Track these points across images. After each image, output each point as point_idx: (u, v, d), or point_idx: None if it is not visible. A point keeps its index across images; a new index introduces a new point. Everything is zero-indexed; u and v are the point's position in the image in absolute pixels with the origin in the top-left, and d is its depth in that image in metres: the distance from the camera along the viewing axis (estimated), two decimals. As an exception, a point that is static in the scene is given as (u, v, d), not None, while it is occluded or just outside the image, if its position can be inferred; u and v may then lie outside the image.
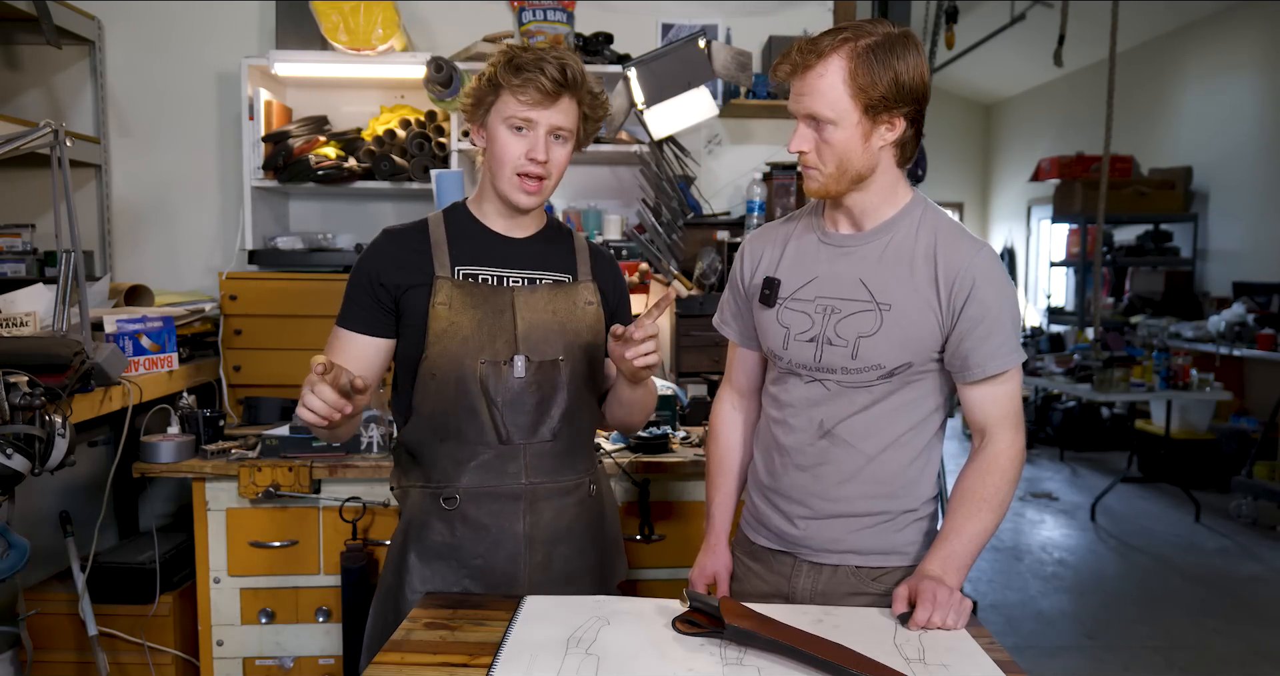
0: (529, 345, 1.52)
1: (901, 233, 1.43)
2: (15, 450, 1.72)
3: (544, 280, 1.58)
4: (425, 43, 3.27)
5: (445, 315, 1.49)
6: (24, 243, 2.95)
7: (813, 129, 1.37)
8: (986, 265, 1.39)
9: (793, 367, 1.48)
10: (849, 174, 1.39)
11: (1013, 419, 1.43)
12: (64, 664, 2.42)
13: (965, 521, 1.38)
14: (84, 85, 3.20)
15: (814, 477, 1.47)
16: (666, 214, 2.97)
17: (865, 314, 1.41)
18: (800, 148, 1.39)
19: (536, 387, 1.52)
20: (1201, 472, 5.88)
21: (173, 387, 2.54)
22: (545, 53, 1.45)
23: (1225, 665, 3.40)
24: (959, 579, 1.36)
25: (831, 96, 1.33)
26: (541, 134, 1.47)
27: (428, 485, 1.55)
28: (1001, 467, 1.41)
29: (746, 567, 1.60)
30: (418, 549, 1.54)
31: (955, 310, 1.38)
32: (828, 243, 1.48)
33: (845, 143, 1.35)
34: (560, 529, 1.56)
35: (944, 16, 4.36)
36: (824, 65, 1.33)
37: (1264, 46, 6.46)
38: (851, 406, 1.45)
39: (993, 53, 6.11)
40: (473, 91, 1.51)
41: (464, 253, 1.54)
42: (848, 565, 1.48)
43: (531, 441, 1.53)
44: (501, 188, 1.51)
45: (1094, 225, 5.46)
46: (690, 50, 2.43)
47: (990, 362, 1.39)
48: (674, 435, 2.47)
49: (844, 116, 1.34)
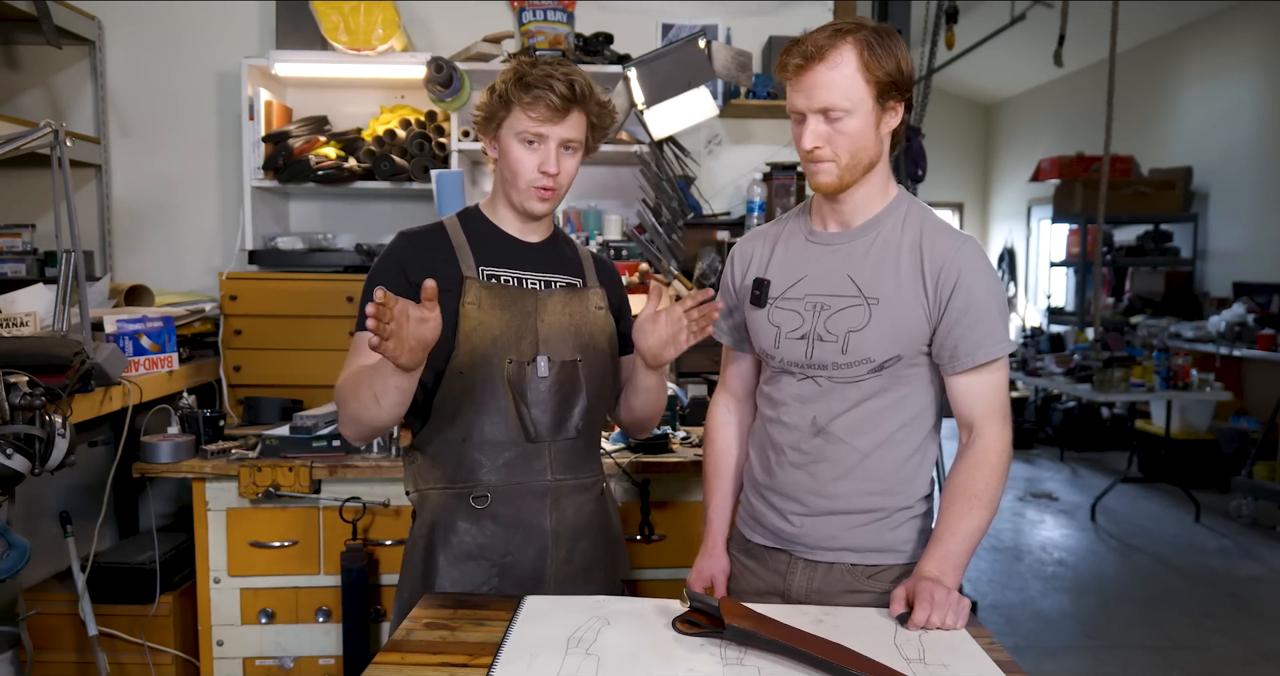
0: (549, 346, 1.56)
1: (888, 228, 1.46)
2: (15, 450, 1.72)
3: (558, 283, 1.62)
4: (425, 43, 3.27)
5: (475, 315, 1.51)
6: (24, 243, 2.95)
7: (825, 122, 1.37)
8: (971, 257, 1.41)
9: (785, 366, 1.50)
10: (862, 163, 1.41)
11: (1000, 412, 1.44)
12: (64, 664, 2.42)
13: (958, 519, 1.39)
14: (84, 85, 3.20)
15: (809, 475, 1.48)
16: (666, 214, 2.97)
17: (854, 309, 1.43)
18: (815, 142, 1.38)
19: (559, 387, 1.56)
20: (1201, 473, 5.88)
21: (173, 387, 2.54)
22: (553, 69, 1.49)
23: (1225, 665, 3.40)
24: (956, 578, 1.36)
25: (847, 85, 1.35)
26: (552, 147, 1.52)
27: (451, 486, 1.56)
28: (990, 462, 1.41)
29: (743, 565, 1.61)
30: (445, 551, 1.55)
31: (942, 301, 1.40)
32: (815, 241, 1.50)
33: (860, 131, 1.37)
34: (580, 524, 1.61)
35: (944, 16, 4.36)
36: (837, 55, 1.35)
37: (1264, 46, 6.46)
38: (844, 402, 1.46)
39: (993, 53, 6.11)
40: (483, 106, 1.55)
41: (485, 255, 1.57)
42: (843, 563, 1.49)
43: (557, 439, 1.57)
44: (517, 199, 1.56)
45: (1094, 225, 5.47)
46: (690, 50, 2.43)
47: (978, 351, 1.40)
48: (674, 435, 2.47)
49: (859, 104, 1.36)
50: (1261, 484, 5.18)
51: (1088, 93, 7.71)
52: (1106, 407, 7.30)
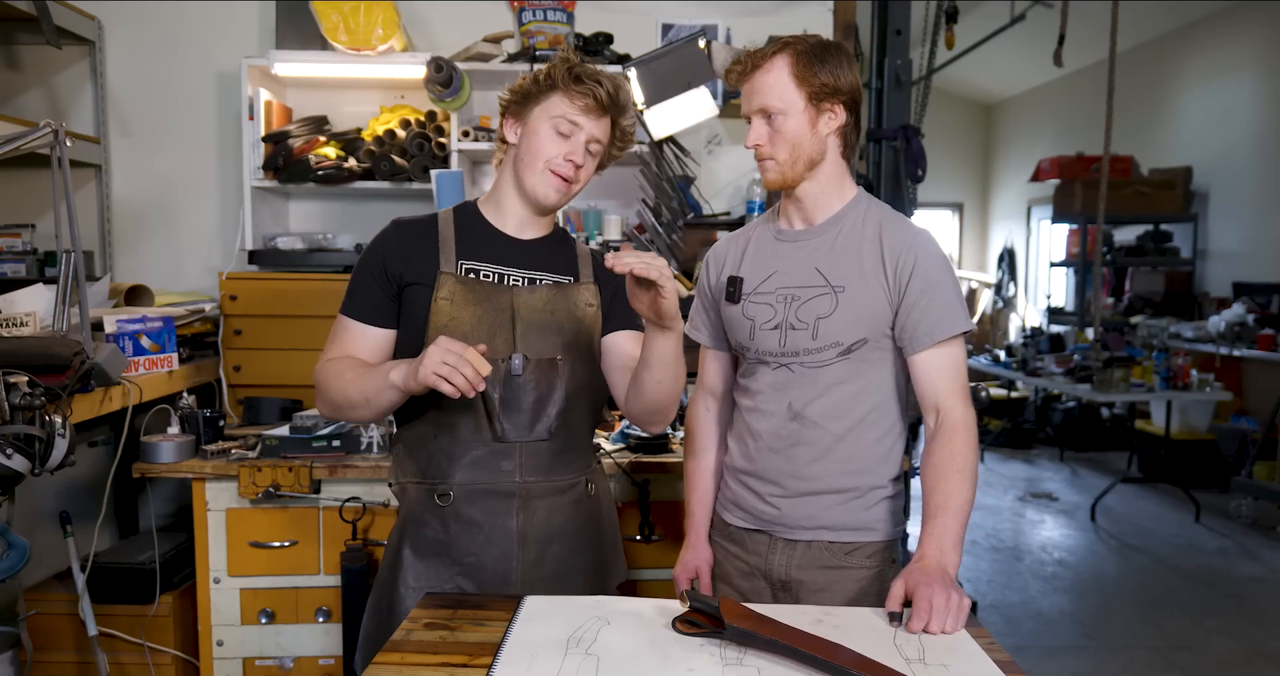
0: (527, 343, 1.54)
1: (849, 224, 1.57)
2: (15, 450, 1.72)
3: (544, 280, 1.60)
4: (425, 43, 3.27)
5: (446, 310, 1.51)
6: (24, 243, 2.96)
7: (766, 123, 1.52)
8: (926, 246, 1.53)
9: (761, 356, 1.59)
10: (802, 159, 1.53)
11: (961, 391, 1.52)
12: (64, 664, 2.42)
13: (947, 496, 1.43)
14: (84, 85, 3.20)
15: (786, 459, 1.56)
16: (666, 214, 2.97)
17: (822, 297, 1.53)
18: (756, 141, 1.53)
19: (534, 386, 1.54)
20: (1201, 473, 5.89)
21: (173, 388, 2.54)
22: (603, 73, 1.56)
23: (1225, 665, 3.40)
24: (957, 555, 1.39)
25: (779, 89, 1.50)
26: (582, 140, 1.54)
27: (423, 481, 1.56)
28: (963, 437, 1.47)
29: (725, 550, 1.68)
30: (412, 544, 1.55)
31: (901, 285, 1.51)
32: (783, 239, 1.61)
33: (796, 129, 1.51)
34: (554, 528, 1.58)
35: (944, 17, 4.37)
36: (770, 62, 1.51)
37: (1264, 46, 6.46)
38: (816, 388, 1.54)
39: (993, 53, 6.11)
40: (521, 87, 1.57)
41: (469, 249, 1.57)
42: (821, 540, 1.56)
43: (527, 440, 1.54)
44: (530, 182, 1.55)
45: (1094, 225, 5.46)
46: (690, 50, 2.43)
47: (937, 328, 1.49)
48: (674, 435, 2.47)
49: (791, 105, 1.50)
50: (1261, 484, 5.18)
51: (1088, 93, 7.71)
52: (1106, 408, 7.30)
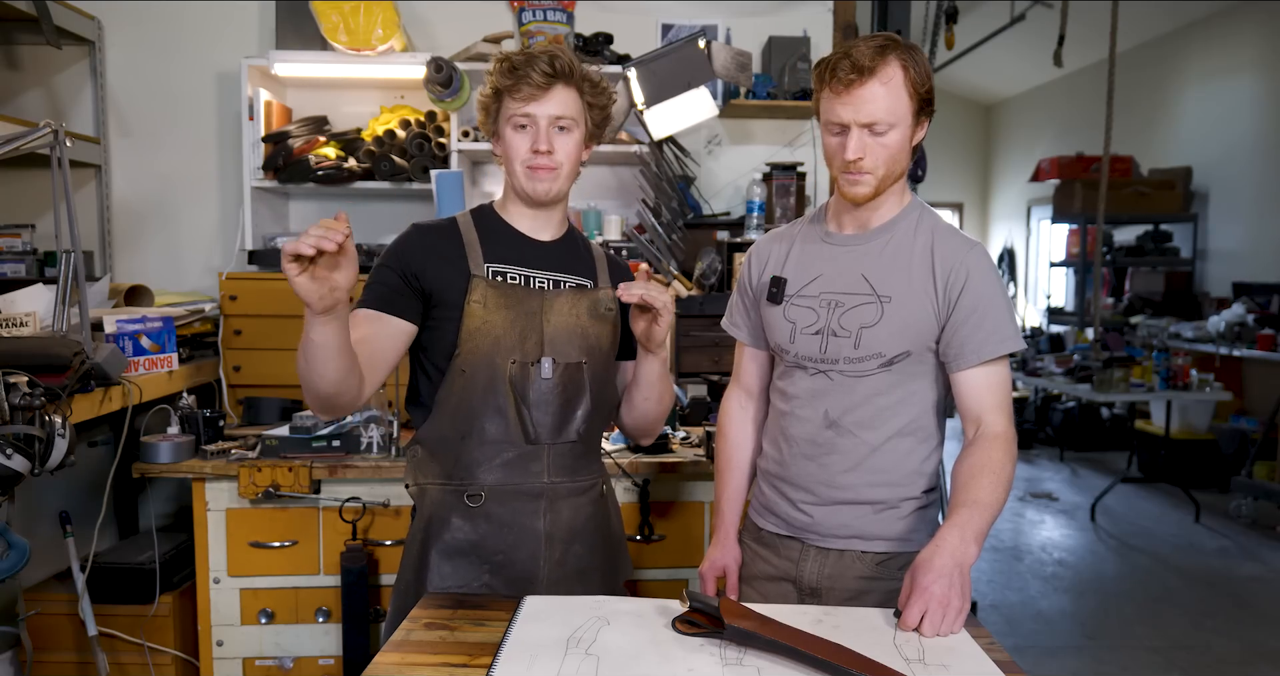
0: (554, 347, 1.55)
1: (901, 232, 1.51)
2: (15, 450, 1.72)
3: (567, 283, 1.61)
4: (425, 43, 3.27)
5: (480, 313, 1.51)
6: (24, 243, 2.95)
7: (868, 134, 1.42)
8: (979, 261, 1.48)
9: (799, 361, 1.55)
10: (894, 174, 1.47)
11: (1004, 408, 1.48)
12: (64, 664, 2.42)
13: (979, 492, 1.37)
14: (84, 85, 3.20)
15: (820, 466, 1.53)
16: (666, 214, 2.97)
17: (867, 306, 1.48)
18: (858, 154, 1.43)
19: (562, 389, 1.55)
20: (1201, 473, 5.88)
21: (173, 388, 2.54)
22: (537, 52, 1.51)
23: (1225, 665, 3.40)
24: (977, 549, 1.33)
25: (894, 100, 1.40)
26: (543, 126, 1.51)
27: (449, 483, 1.56)
28: (1002, 446, 1.43)
29: (754, 552, 1.65)
30: (439, 546, 1.55)
31: (951, 301, 1.46)
32: (831, 242, 1.56)
33: (899, 144, 1.44)
34: (576, 527, 1.60)
35: (944, 17, 4.36)
36: (888, 70, 1.39)
37: (1264, 46, 6.46)
38: (854, 397, 1.50)
39: (993, 53, 6.12)
40: (480, 104, 1.57)
41: (494, 252, 1.57)
42: (853, 550, 1.53)
43: (557, 441, 1.56)
44: (517, 183, 1.56)
45: (1094, 225, 5.46)
46: (690, 50, 2.43)
47: (985, 347, 1.45)
48: (674, 435, 2.47)
49: (902, 119, 1.42)
50: (1261, 484, 5.18)
51: (1088, 93, 7.71)
52: (1106, 408, 7.30)
